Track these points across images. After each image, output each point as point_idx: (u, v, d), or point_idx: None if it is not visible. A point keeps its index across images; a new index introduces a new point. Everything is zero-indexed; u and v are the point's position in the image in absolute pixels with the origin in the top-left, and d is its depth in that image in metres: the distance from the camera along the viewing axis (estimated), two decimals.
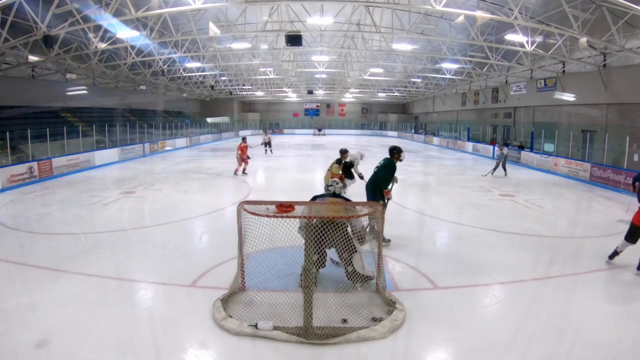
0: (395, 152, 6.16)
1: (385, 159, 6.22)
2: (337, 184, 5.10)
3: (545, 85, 19.97)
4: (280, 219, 4.02)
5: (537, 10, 13.83)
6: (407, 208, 9.39)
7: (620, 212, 8.81)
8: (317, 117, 49.26)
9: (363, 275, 4.50)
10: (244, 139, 14.20)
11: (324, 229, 4.05)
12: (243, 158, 13.57)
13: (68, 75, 20.95)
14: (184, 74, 25.26)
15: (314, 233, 3.91)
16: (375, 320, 3.85)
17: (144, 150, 21.65)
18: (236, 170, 13.75)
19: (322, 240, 4.03)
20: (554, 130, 18.42)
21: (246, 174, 13.72)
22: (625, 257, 5.96)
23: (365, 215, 4.42)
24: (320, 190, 6.89)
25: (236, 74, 29.00)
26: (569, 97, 17.91)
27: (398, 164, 6.21)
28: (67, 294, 4.53)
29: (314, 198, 4.97)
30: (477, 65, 21.30)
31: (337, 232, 4.17)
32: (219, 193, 11.40)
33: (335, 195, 4.97)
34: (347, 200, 4.92)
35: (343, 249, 4.44)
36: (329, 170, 8.66)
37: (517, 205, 9.64)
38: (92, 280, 4.90)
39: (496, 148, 18.89)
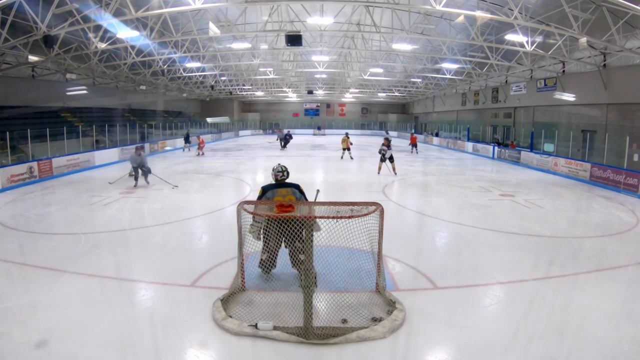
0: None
1: None
2: (285, 169, 4.82)
3: (545, 85, 19.97)
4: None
5: (537, 10, 13.83)
6: (407, 208, 9.40)
7: (621, 212, 8.82)
8: (317, 117, 49.23)
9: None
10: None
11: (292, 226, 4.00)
12: None
13: (68, 75, 20.93)
14: (184, 74, 25.26)
15: (282, 228, 3.99)
16: (375, 320, 3.85)
17: (144, 150, 21.63)
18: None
19: (291, 236, 4.04)
20: (554, 130, 18.41)
21: None
22: (624, 257, 5.98)
23: (364, 215, 4.34)
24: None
25: (236, 74, 28.99)
26: (569, 97, 17.90)
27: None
28: (67, 294, 4.53)
29: (264, 189, 4.75)
30: (477, 65, 21.29)
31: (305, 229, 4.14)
32: (219, 193, 11.39)
33: (285, 184, 4.75)
34: (299, 188, 4.74)
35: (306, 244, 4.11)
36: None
37: (517, 205, 9.63)
38: (92, 280, 4.89)
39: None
